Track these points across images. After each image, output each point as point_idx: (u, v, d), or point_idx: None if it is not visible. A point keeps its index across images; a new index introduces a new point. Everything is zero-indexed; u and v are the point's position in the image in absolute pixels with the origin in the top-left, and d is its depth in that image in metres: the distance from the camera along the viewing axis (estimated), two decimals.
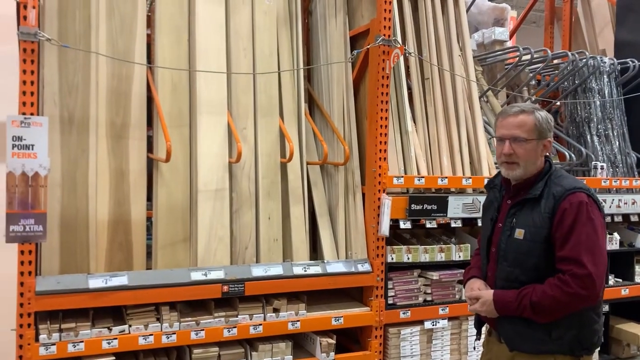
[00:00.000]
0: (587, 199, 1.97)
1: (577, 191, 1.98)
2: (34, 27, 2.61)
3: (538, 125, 2.06)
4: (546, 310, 1.99)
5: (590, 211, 1.95)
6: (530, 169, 2.09)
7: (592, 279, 1.92)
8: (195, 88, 3.20)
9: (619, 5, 4.93)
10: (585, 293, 1.94)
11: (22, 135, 2.53)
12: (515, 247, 2.09)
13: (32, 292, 2.63)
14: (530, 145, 2.06)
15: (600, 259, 1.95)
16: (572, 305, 1.97)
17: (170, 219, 3.10)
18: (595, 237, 1.95)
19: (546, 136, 2.09)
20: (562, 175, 2.09)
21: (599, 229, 1.97)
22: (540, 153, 2.09)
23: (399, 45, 3.38)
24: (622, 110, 4.62)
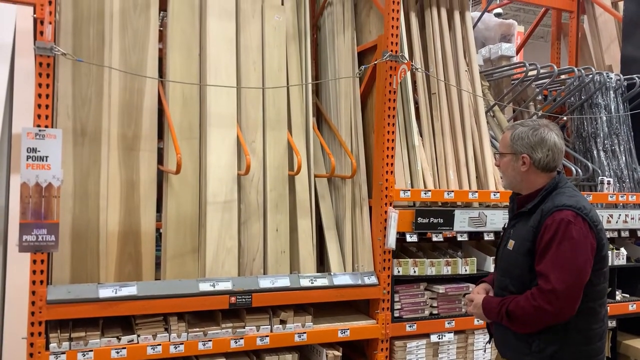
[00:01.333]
0: (572, 218, 1.97)
1: (564, 209, 1.99)
2: (49, 42, 2.68)
3: (512, 140, 2.14)
4: (518, 320, 2.03)
5: (571, 229, 1.95)
6: (516, 182, 2.18)
7: (556, 295, 1.94)
8: (205, 101, 3.26)
9: (625, 22, 4.96)
10: (549, 308, 1.95)
11: (36, 147, 2.59)
12: (506, 257, 2.18)
13: (43, 301, 2.67)
14: (505, 158, 2.17)
15: (572, 278, 1.94)
16: (538, 318, 1.99)
17: (179, 230, 3.15)
18: (571, 256, 1.94)
19: (521, 151, 2.12)
20: (563, 192, 2.09)
21: (579, 246, 1.95)
22: (519, 167, 2.14)
23: (406, 61, 3.43)
24: (628, 126, 4.64)
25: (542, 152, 2.09)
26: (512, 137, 2.14)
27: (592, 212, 2.04)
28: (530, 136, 2.11)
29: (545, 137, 2.11)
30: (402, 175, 3.59)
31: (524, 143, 2.11)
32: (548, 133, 2.12)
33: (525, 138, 2.11)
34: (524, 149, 2.11)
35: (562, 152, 2.19)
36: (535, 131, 2.12)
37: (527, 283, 2.05)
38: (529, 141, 2.11)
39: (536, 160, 2.10)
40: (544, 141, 2.10)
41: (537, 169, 2.12)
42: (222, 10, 3.36)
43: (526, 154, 2.11)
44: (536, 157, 2.10)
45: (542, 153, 2.09)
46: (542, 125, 2.15)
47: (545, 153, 2.10)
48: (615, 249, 4.25)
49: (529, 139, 2.11)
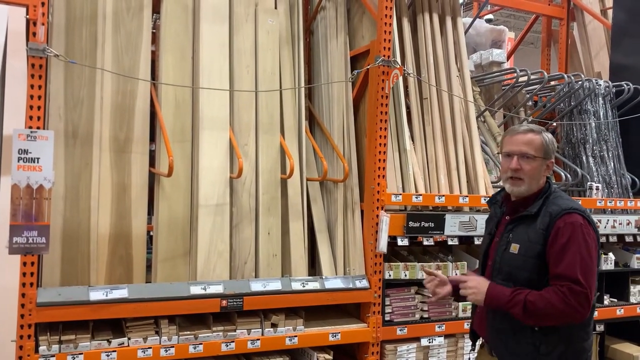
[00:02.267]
0: (582, 221, 2.03)
1: (573, 212, 2.05)
2: (42, 44, 2.67)
3: (545, 145, 2.16)
4: (538, 312, 2.02)
5: (585, 233, 2.02)
6: (533, 186, 2.17)
7: (588, 298, 1.99)
8: (198, 104, 3.26)
9: (614, 30, 5.03)
10: (581, 310, 2.00)
11: (27, 149, 2.58)
12: (509, 261, 2.16)
13: (33, 303, 2.65)
14: (536, 162, 2.15)
15: (592, 281, 2.02)
16: (563, 316, 2.01)
17: (170, 232, 3.14)
18: (589, 260, 2.01)
19: (550, 157, 2.18)
20: (560, 196, 2.17)
21: (593, 252, 2.03)
22: (543, 172, 2.18)
23: (398, 66, 3.46)
24: (617, 132, 4.69)
25: (554, 155, 2.20)
26: (546, 141, 2.17)
27: (591, 218, 2.12)
28: (554, 142, 2.19)
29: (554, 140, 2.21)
30: (393, 179, 3.61)
31: (553, 148, 2.19)
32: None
33: (551, 144, 2.18)
34: (552, 155, 2.18)
35: None
36: (550, 135, 2.19)
37: (535, 286, 2.06)
38: (553, 147, 2.19)
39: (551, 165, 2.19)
40: (554, 142, 2.21)
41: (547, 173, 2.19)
42: (215, 13, 3.37)
43: (552, 161, 2.19)
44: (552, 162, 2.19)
45: (554, 156, 2.20)
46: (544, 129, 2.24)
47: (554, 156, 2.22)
48: (603, 254, 4.29)
49: (553, 144, 2.18)
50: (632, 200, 4.42)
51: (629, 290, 4.39)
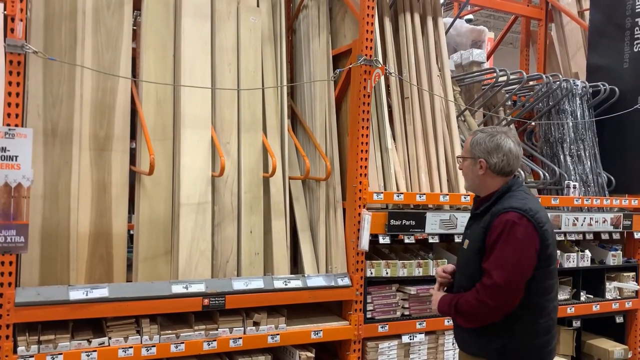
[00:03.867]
0: (516, 219, 2.07)
1: (511, 211, 2.10)
2: (20, 40, 2.63)
3: (471, 145, 2.26)
4: (464, 314, 2.17)
5: (515, 230, 2.06)
6: (475, 185, 2.30)
7: (497, 290, 2.06)
8: (179, 102, 3.24)
9: (591, 31, 5.12)
10: (491, 302, 2.08)
11: (5, 147, 2.54)
12: (463, 255, 2.32)
13: (11, 303, 2.62)
14: (466, 162, 2.29)
15: (512, 274, 2.05)
16: (481, 312, 2.11)
17: (152, 231, 3.12)
18: (513, 254, 2.05)
19: (479, 156, 2.23)
20: (513, 196, 2.19)
21: (522, 246, 2.06)
22: (477, 171, 2.25)
23: (380, 65, 3.48)
24: (593, 131, 4.79)
25: (497, 157, 2.20)
26: (471, 142, 2.27)
27: (539, 214, 2.13)
28: (487, 142, 2.21)
29: (501, 143, 2.21)
30: (375, 178, 3.63)
31: (481, 148, 2.22)
32: (504, 139, 2.22)
33: (483, 144, 2.22)
34: (481, 154, 2.23)
35: (517, 157, 2.27)
36: (492, 137, 2.22)
37: (477, 280, 2.15)
38: (486, 147, 2.22)
39: (492, 164, 2.21)
40: (499, 147, 2.21)
41: (493, 173, 2.23)
42: (197, 10, 3.35)
43: (483, 159, 2.22)
44: (492, 161, 2.21)
45: (497, 158, 2.20)
46: (499, 132, 2.25)
47: (501, 158, 2.20)
48: (580, 251, 4.38)
49: (485, 144, 2.22)
50: (608, 199, 4.51)
51: (605, 287, 4.49)
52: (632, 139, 4.66)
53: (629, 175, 4.67)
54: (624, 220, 4.50)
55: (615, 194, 4.70)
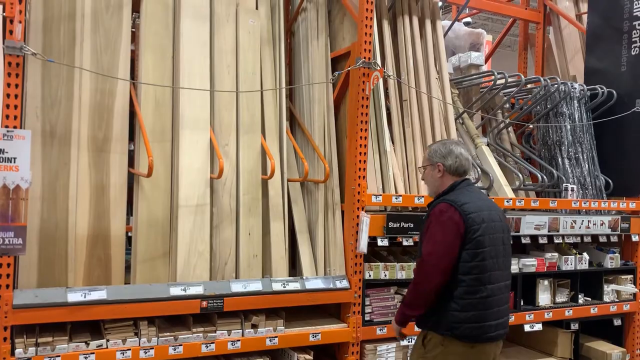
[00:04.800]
0: (445, 208, 2.48)
1: (441, 202, 2.53)
2: (19, 42, 2.63)
3: (429, 154, 2.72)
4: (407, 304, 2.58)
5: (441, 216, 2.46)
6: (435, 187, 2.70)
7: (420, 264, 2.47)
8: (178, 104, 3.24)
9: (589, 34, 5.13)
10: (417, 277, 2.49)
11: (4, 148, 2.54)
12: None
13: (9, 305, 2.61)
14: (427, 170, 2.74)
15: (434, 249, 2.43)
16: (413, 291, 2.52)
17: (150, 233, 3.12)
18: (436, 234, 2.45)
19: (435, 161, 2.67)
20: (456, 192, 2.58)
21: (445, 228, 2.44)
22: (436, 174, 2.67)
23: (379, 68, 3.48)
24: (591, 134, 4.80)
25: (451, 159, 2.64)
26: (429, 152, 2.71)
27: (467, 205, 2.48)
28: (441, 149, 2.67)
29: (453, 148, 2.66)
30: (373, 180, 3.64)
31: (437, 155, 2.67)
32: (455, 146, 2.68)
33: (439, 151, 2.67)
34: (438, 159, 2.66)
35: (467, 159, 2.70)
36: (444, 145, 2.68)
37: None
38: (441, 152, 2.66)
39: (447, 166, 2.64)
40: (452, 151, 2.65)
41: (448, 174, 2.65)
42: (196, 12, 3.35)
43: (440, 163, 2.65)
44: (447, 163, 2.64)
45: (451, 160, 2.64)
46: (451, 142, 2.72)
47: (454, 160, 2.64)
48: (578, 253, 4.39)
49: (441, 151, 2.67)
50: (605, 201, 4.52)
51: (603, 290, 4.49)
52: (629, 141, 4.67)
53: (626, 177, 4.69)
54: (622, 222, 4.51)
55: (613, 197, 4.72)
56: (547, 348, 4.36)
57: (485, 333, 2.47)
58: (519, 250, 4.41)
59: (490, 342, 2.51)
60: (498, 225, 2.58)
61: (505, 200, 3.98)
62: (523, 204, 4.08)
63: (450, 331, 2.45)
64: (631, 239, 4.61)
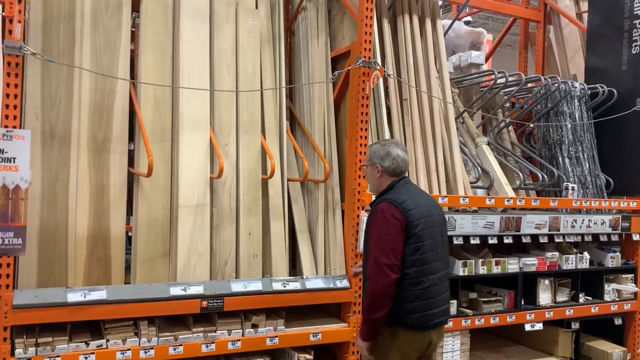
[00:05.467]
0: (386, 206, 2.58)
1: (383, 201, 2.63)
2: (18, 41, 2.63)
3: (369, 155, 2.81)
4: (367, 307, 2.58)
5: (383, 214, 2.57)
6: (374, 185, 2.81)
7: (375, 264, 2.52)
8: (178, 104, 3.24)
9: (589, 33, 5.13)
10: (372, 274, 2.53)
11: (3, 148, 2.53)
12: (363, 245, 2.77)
13: (9, 305, 2.61)
14: (367, 169, 2.83)
15: (383, 249, 2.52)
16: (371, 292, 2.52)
17: (150, 233, 3.11)
18: (380, 231, 2.55)
19: (374, 162, 2.77)
20: (395, 191, 2.69)
21: (388, 225, 2.54)
22: (376, 174, 2.77)
23: (379, 67, 3.48)
24: (592, 133, 4.79)
25: (389, 161, 2.73)
26: (370, 152, 2.80)
27: (406, 203, 2.60)
28: (380, 151, 2.75)
29: (391, 150, 2.74)
30: None
31: (376, 156, 2.76)
32: (393, 148, 2.75)
33: (377, 152, 2.76)
34: (377, 160, 2.76)
35: (404, 160, 2.80)
36: (383, 147, 2.76)
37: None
38: (380, 154, 2.75)
39: (385, 167, 2.73)
40: (389, 154, 2.74)
41: (386, 174, 2.74)
42: (196, 12, 3.35)
43: (378, 164, 2.74)
44: (385, 165, 2.73)
45: (389, 162, 2.73)
46: (390, 143, 2.79)
47: (391, 162, 2.73)
48: (578, 253, 4.38)
49: (379, 152, 2.75)
50: (606, 201, 4.51)
51: (604, 289, 4.49)
52: (630, 140, 4.66)
53: (627, 177, 4.68)
54: (623, 222, 4.51)
55: (613, 196, 4.71)
56: (548, 347, 4.36)
57: (430, 321, 2.60)
58: (519, 250, 4.41)
59: (434, 329, 2.66)
60: (436, 219, 2.73)
61: (505, 200, 3.97)
62: (523, 203, 4.07)
63: (399, 323, 2.58)
64: (632, 238, 4.61)
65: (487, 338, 4.57)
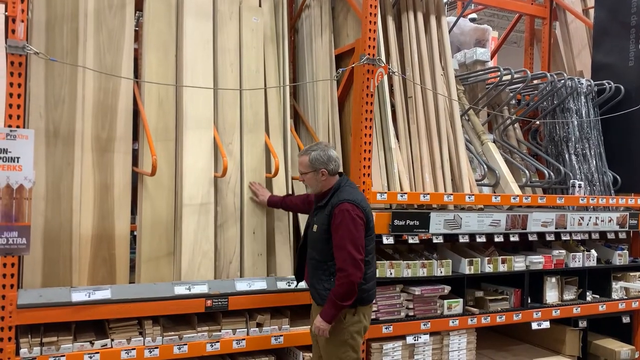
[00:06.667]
0: (349, 207, 2.79)
1: (345, 202, 2.81)
2: (22, 41, 2.62)
3: (310, 162, 2.91)
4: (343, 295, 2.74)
5: (350, 214, 2.77)
6: (320, 187, 2.94)
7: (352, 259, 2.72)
8: (181, 103, 3.23)
9: (596, 29, 5.08)
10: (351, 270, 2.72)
11: (7, 148, 2.53)
12: (312, 237, 2.94)
13: (13, 305, 2.61)
14: (309, 175, 2.93)
15: (355, 245, 2.75)
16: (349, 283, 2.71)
17: (154, 233, 3.11)
18: (352, 231, 2.76)
19: (318, 168, 2.89)
20: (344, 190, 2.89)
21: (356, 225, 2.78)
22: (320, 178, 2.91)
23: (383, 65, 3.46)
24: (599, 130, 4.75)
25: (332, 164, 2.92)
26: (310, 159, 2.91)
27: (362, 202, 2.87)
28: (322, 156, 2.90)
29: (330, 153, 2.92)
30: (378, 178, 3.61)
31: (319, 162, 2.90)
32: (330, 150, 2.94)
33: (320, 158, 2.90)
34: (321, 165, 2.89)
35: (339, 158, 3.01)
36: (323, 152, 2.91)
37: (325, 251, 2.83)
38: (322, 159, 2.90)
39: (330, 170, 2.91)
40: (330, 157, 2.92)
41: (330, 175, 2.92)
42: (199, 11, 3.34)
43: (323, 169, 2.89)
44: (329, 168, 2.91)
45: (332, 165, 2.92)
46: (325, 147, 2.95)
47: (334, 164, 2.92)
48: (585, 250, 4.34)
49: (322, 158, 2.90)
50: (613, 198, 4.47)
51: (611, 287, 4.45)
52: (637, 137, 4.61)
53: (634, 173, 4.63)
54: (630, 219, 4.47)
55: (621, 193, 4.66)
56: (555, 346, 4.33)
57: (375, 294, 3.03)
58: (525, 248, 4.38)
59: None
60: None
61: (512, 197, 3.94)
62: (530, 200, 4.04)
63: (360, 301, 2.87)
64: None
65: (493, 336, 4.54)
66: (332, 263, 2.82)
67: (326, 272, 2.85)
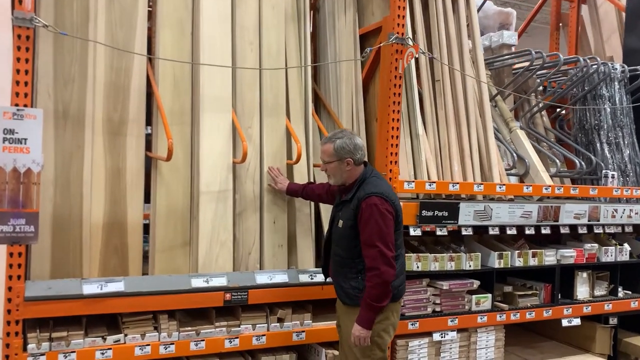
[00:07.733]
0: (377, 200, 2.61)
1: (372, 195, 2.63)
2: (29, 12, 2.43)
3: (335, 150, 2.72)
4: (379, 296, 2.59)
5: (380, 209, 2.60)
6: (344, 178, 2.76)
7: (382, 255, 2.57)
8: (198, 83, 3.04)
9: (629, 13, 4.85)
10: (383, 267, 2.56)
11: (14, 128, 2.35)
12: (337, 232, 2.78)
13: (20, 297, 2.45)
14: (333, 164, 2.74)
15: (386, 242, 2.59)
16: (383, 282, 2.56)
17: (169, 221, 2.94)
18: (382, 227, 2.60)
19: (344, 157, 2.71)
20: (370, 182, 2.70)
21: (386, 220, 2.62)
22: (345, 168, 2.72)
23: (413, 44, 3.24)
24: (631, 118, 4.53)
25: (358, 153, 2.73)
26: (335, 148, 2.72)
27: (390, 194, 2.69)
28: (348, 144, 2.71)
29: (357, 142, 2.74)
30: (405, 166, 3.42)
31: (345, 150, 2.71)
32: (356, 138, 2.76)
33: (346, 146, 2.70)
34: (347, 155, 2.71)
35: (365, 148, 2.87)
36: (350, 139, 2.73)
37: (351, 248, 2.68)
38: (349, 147, 2.71)
39: (356, 159, 2.72)
40: (357, 145, 2.73)
41: (355, 165, 2.73)
42: None
43: (349, 158, 2.70)
44: (356, 157, 2.72)
45: (359, 154, 2.73)
46: (351, 135, 2.76)
47: (360, 153, 2.74)
48: (618, 244, 4.14)
49: (348, 146, 2.71)
50: None
51: None
52: None
53: None
54: None
55: None
56: (584, 344, 4.14)
57: (405, 289, 2.84)
58: (553, 241, 4.17)
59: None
60: None
61: (543, 188, 3.74)
62: (562, 191, 3.83)
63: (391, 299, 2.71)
64: None
65: (519, 333, 4.36)
66: (360, 260, 2.66)
67: (353, 269, 2.68)
